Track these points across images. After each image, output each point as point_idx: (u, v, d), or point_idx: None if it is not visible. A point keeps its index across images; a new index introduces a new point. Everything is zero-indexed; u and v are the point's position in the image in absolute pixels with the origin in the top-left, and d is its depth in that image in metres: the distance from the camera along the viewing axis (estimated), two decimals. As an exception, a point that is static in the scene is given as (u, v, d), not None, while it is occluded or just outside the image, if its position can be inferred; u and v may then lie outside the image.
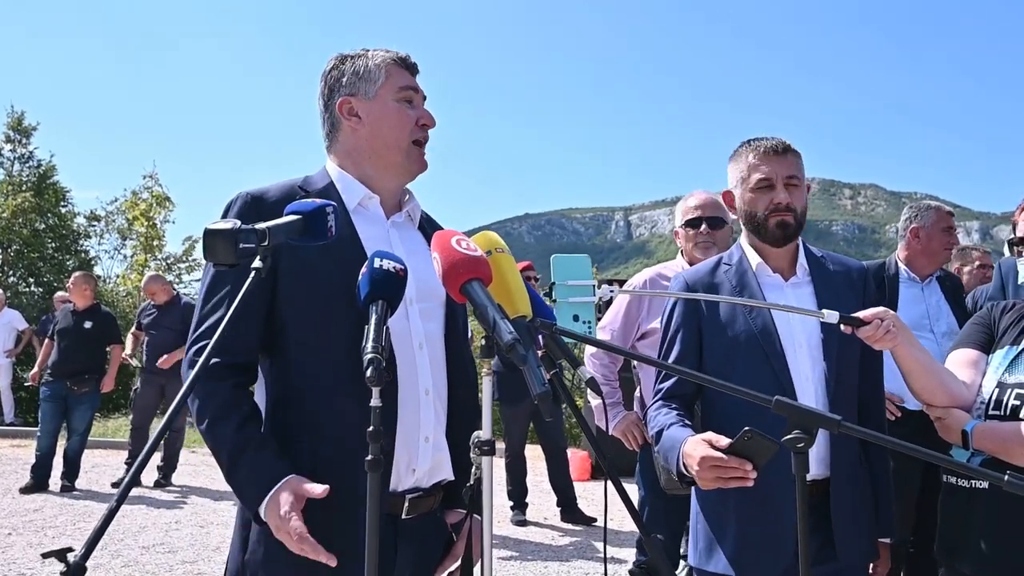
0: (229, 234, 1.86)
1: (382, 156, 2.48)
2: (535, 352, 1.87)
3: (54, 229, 25.22)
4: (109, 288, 22.89)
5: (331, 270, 2.30)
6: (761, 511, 2.80)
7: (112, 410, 17.13)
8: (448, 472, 2.48)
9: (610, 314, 4.74)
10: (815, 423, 1.89)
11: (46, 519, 8.52)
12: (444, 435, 2.46)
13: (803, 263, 3.01)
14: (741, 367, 2.86)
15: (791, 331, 2.89)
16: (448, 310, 2.53)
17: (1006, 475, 1.70)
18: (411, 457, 2.34)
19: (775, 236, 2.94)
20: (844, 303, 2.80)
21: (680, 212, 4.63)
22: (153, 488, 10.13)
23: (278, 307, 2.33)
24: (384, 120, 2.46)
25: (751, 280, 2.96)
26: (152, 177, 23.68)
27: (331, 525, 2.20)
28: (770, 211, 2.92)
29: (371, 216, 2.48)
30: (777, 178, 2.92)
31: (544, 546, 7.90)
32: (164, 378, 10.16)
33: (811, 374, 2.85)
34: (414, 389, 2.35)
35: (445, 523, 2.54)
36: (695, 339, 2.99)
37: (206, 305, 2.36)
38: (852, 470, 2.87)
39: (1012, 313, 2.85)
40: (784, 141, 2.97)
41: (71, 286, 10.46)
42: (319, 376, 2.31)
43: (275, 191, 2.41)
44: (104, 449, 12.81)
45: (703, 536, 2.94)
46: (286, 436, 2.31)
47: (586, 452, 11.46)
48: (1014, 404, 2.62)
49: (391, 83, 2.47)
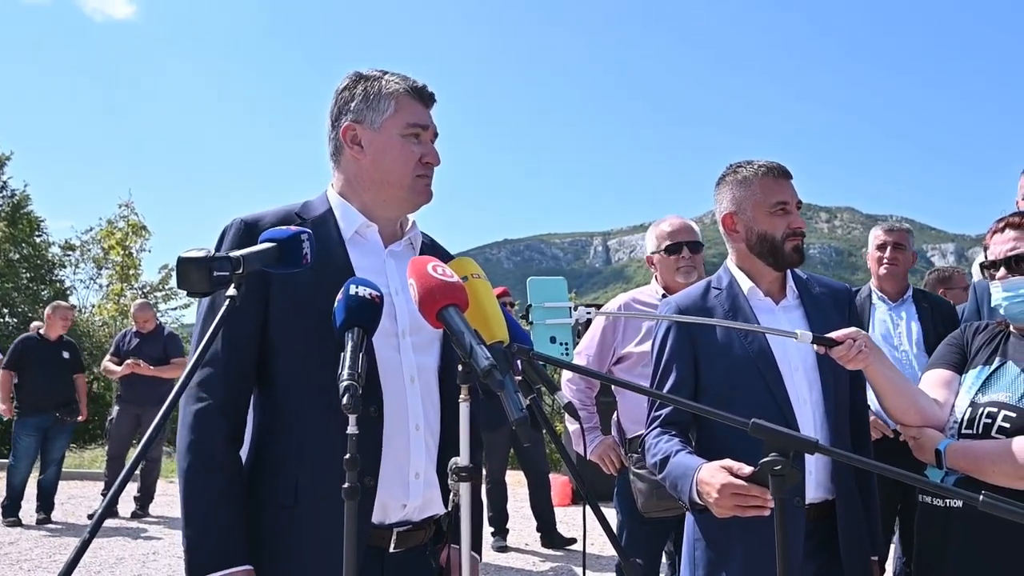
0: (203, 262, 1.84)
1: (382, 189, 2.44)
2: (512, 378, 1.86)
3: (28, 259, 25.07)
4: (85, 318, 22.73)
5: (322, 300, 2.22)
6: (767, 536, 2.79)
7: (88, 440, 16.99)
8: (440, 507, 2.44)
9: (586, 339, 4.73)
10: (791, 445, 1.90)
11: (21, 552, 8.43)
12: (435, 471, 2.41)
13: (792, 286, 3.03)
14: (741, 393, 2.83)
15: (787, 354, 2.88)
16: (445, 342, 2.47)
17: (981, 495, 1.71)
18: (401, 493, 2.31)
19: (791, 260, 2.95)
20: (832, 324, 2.81)
21: (655, 237, 4.58)
22: (130, 519, 10.04)
23: (269, 335, 2.31)
24: (387, 154, 2.40)
25: (743, 304, 2.96)
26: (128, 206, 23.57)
27: (311, 554, 2.20)
28: (788, 235, 2.92)
29: (368, 246, 2.44)
30: (792, 201, 2.94)
31: (525, 572, 7.89)
32: (140, 407, 10.06)
33: (808, 397, 2.85)
34: (403, 423, 2.32)
35: (436, 558, 2.49)
36: (690, 366, 2.95)
37: (203, 336, 2.35)
38: (853, 492, 2.87)
39: (984, 333, 2.88)
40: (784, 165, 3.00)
41: (52, 316, 10.24)
42: (304, 405, 2.29)
43: (271, 217, 2.38)
44: (80, 480, 12.68)
45: (703, 563, 2.89)
46: (271, 464, 2.30)
47: (567, 477, 11.44)
48: (986, 423, 2.65)
49: (400, 117, 2.40)
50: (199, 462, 2.22)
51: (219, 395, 2.22)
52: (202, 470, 2.22)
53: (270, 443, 2.32)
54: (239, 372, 2.28)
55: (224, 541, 2.19)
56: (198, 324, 2.37)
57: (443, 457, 2.43)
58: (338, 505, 2.07)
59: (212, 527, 2.19)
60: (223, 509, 2.20)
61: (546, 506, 8.89)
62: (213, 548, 2.18)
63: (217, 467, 2.22)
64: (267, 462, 2.30)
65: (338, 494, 2.04)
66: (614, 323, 4.57)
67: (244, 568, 2.18)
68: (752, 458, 2.78)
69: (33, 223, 25.64)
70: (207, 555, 2.17)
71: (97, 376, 19.55)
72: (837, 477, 2.82)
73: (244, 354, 2.29)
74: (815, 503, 2.79)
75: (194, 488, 2.22)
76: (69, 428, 10.22)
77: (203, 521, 2.19)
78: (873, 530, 2.98)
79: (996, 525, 2.41)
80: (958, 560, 2.65)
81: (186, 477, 2.22)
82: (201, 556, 2.18)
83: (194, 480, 2.22)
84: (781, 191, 2.94)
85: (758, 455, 2.38)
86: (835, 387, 2.87)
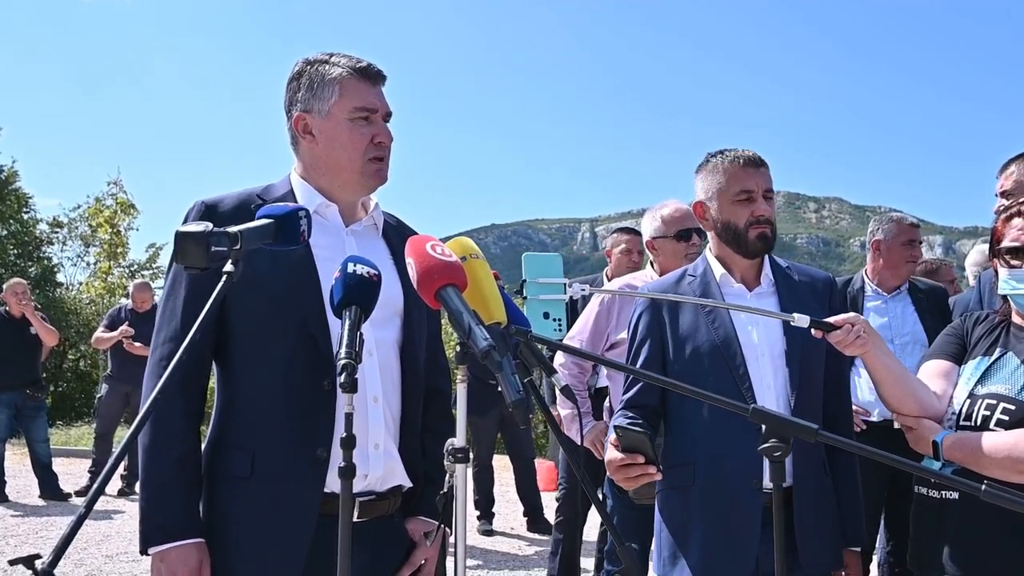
0: (201, 237, 1.83)
1: (337, 175, 2.48)
2: (510, 359, 1.85)
3: (16, 235, 24.87)
4: (72, 295, 22.63)
5: (277, 277, 2.32)
6: (725, 519, 2.82)
7: (75, 418, 16.93)
8: (403, 478, 2.50)
9: (579, 324, 4.71)
10: (792, 432, 1.88)
11: (7, 528, 8.42)
12: (395, 443, 2.47)
13: (768, 274, 3.05)
14: (705, 377, 2.87)
15: (752, 340, 2.92)
16: (404, 320, 2.52)
17: (983, 485, 1.70)
18: (360, 463, 2.32)
19: (755, 248, 2.97)
20: (810, 313, 2.80)
21: (660, 222, 4.48)
22: (117, 496, 10.02)
23: (226, 313, 2.36)
24: (336, 140, 2.44)
25: (715, 291, 3.00)
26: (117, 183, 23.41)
27: (264, 525, 2.28)
28: (751, 223, 2.95)
29: (328, 225, 2.48)
30: (757, 190, 2.95)
31: (510, 556, 7.89)
32: (129, 385, 10.00)
33: (773, 382, 2.88)
34: (362, 396, 2.34)
35: (404, 530, 2.56)
36: (658, 350, 3.01)
37: (165, 311, 2.41)
38: (815, 480, 2.88)
39: (985, 324, 2.85)
40: (758, 154, 3.00)
41: (11, 293, 9.82)
42: (259, 383, 2.36)
43: (231, 199, 2.44)
44: (67, 458, 12.63)
45: (667, 545, 2.95)
46: (231, 438, 2.37)
47: (552, 463, 11.43)
48: (984, 415, 2.63)
49: (345, 102, 2.43)
50: (157, 437, 2.30)
51: (177, 372, 2.23)
52: (160, 445, 2.30)
53: (230, 418, 2.39)
54: (198, 350, 2.32)
55: (177, 514, 2.29)
56: (162, 299, 2.46)
57: (405, 430, 2.51)
58: (292, 477, 2.28)
59: (165, 500, 2.29)
60: (177, 483, 2.30)
61: (533, 491, 8.90)
62: (166, 521, 2.28)
63: (174, 443, 2.31)
64: (227, 437, 2.38)
65: (292, 467, 2.26)
66: (608, 309, 4.55)
67: (195, 541, 2.28)
68: (718, 443, 2.85)
69: (21, 199, 25.42)
70: (160, 527, 2.28)
71: (84, 354, 19.48)
72: (798, 464, 2.82)
73: (203, 332, 2.31)
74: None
75: (150, 462, 2.30)
76: (42, 405, 10.12)
77: (158, 494, 2.30)
78: (853, 521, 2.98)
79: (991, 516, 2.41)
80: (952, 551, 2.64)
81: (144, 451, 2.31)
82: (154, 528, 2.28)
83: (151, 454, 2.30)
84: (746, 179, 2.97)
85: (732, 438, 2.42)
86: (803, 376, 2.89)
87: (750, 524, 2.79)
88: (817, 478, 2.89)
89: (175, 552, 2.25)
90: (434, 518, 2.54)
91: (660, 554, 2.98)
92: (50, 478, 9.97)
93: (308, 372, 2.32)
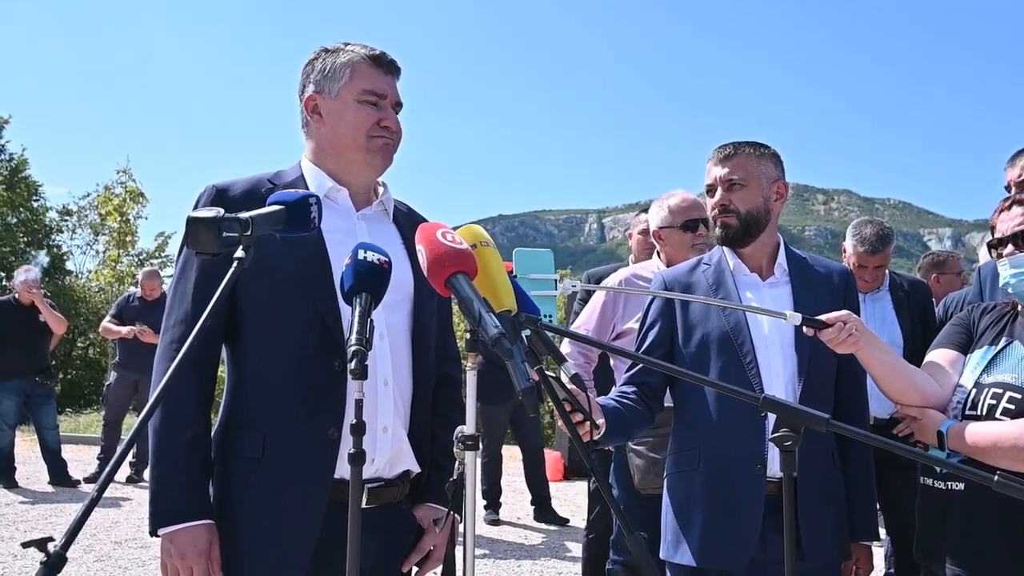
0: (212, 222, 1.85)
1: (342, 155, 2.49)
2: (520, 347, 1.85)
3: (26, 223, 24.93)
4: (81, 283, 22.68)
5: (288, 260, 2.33)
6: (727, 503, 2.84)
7: (84, 405, 16.98)
8: (412, 463, 2.50)
9: (585, 313, 4.69)
10: (803, 421, 1.89)
11: (17, 514, 8.45)
12: (406, 428, 2.48)
13: (782, 263, 3.05)
14: (713, 364, 2.90)
15: (761, 328, 2.93)
16: (415, 304, 2.53)
17: (996, 475, 1.70)
18: (368, 447, 2.32)
19: (719, 237, 3.04)
20: (821, 304, 2.82)
21: (668, 212, 4.44)
22: (126, 483, 10.05)
23: (237, 297, 2.37)
24: (342, 119, 2.46)
25: (728, 279, 3.01)
26: (126, 172, 23.44)
27: (274, 506, 2.29)
28: (714, 215, 3.03)
29: (339, 209, 2.49)
30: (716, 182, 3.01)
31: (517, 545, 7.90)
32: (137, 373, 9.98)
33: (782, 371, 2.89)
34: (372, 379, 2.34)
35: (413, 517, 2.55)
36: (667, 334, 3.04)
37: (175, 295, 2.42)
38: (823, 470, 2.88)
39: (992, 314, 2.85)
40: (733, 144, 3.03)
41: (25, 282, 9.76)
42: (271, 365, 2.36)
43: (241, 184, 2.46)
44: (75, 444, 12.67)
45: (671, 528, 2.98)
46: (242, 419, 2.37)
47: (559, 453, 11.43)
48: (990, 404, 2.62)
49: (355, 83, 2.45)
50: (168, 419, 2.31)
51: (189, 356, 2.26)
52: (171, 427, 2.31)
53: (242, 400, 2.39)
54: (209, 332, 2.33)
55: (186, 496, 2.29)
56: (172, 283, 2.46)
57: (415, 415, 2.51)
58: (303, 458, 2.29)
59: (176, 482, 2.29)
60: (188, 464, 2.30)
61: (541, 481, 8.91)
62: (175, 502, 2.29)
63: (185, 425, 2.32)
64: (239, 418, 2.39)
65: (304, 448, 2.27)
66: (615, 299, 4.53)
67: (205, 522, 2.29)
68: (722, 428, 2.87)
69: (31, 187, 25.46)
70: (170, 509, 2.29)
71: (93, 342, 19.53)
72: (804, 453, 2.80)
73: (214, 317, 2.32)
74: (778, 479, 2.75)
75: (161, 443, 2.31)
76: (51, 393, 10.16)
77: (168, 476, 2.30)
78: (864, 514, 2.97)
79: (998, 507, 2.41)
80: (958, 542, 2.63)
81: (155, 433, 2.32)
82: (164, 509, 2.29)
83: (162, 436, 2.31)
84: (709, 173, 3.05)
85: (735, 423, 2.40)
86: (813, 365, 2.89)
87: (751, 510, 2.80)
88: (825, 469, 2.89)
89: (185, 533, 2.25)
90: (443, 505, 2.54)
91: (665, 538, 3.01)
92: (59, 465, 10.00)
93: (320, 354, 2.33)
